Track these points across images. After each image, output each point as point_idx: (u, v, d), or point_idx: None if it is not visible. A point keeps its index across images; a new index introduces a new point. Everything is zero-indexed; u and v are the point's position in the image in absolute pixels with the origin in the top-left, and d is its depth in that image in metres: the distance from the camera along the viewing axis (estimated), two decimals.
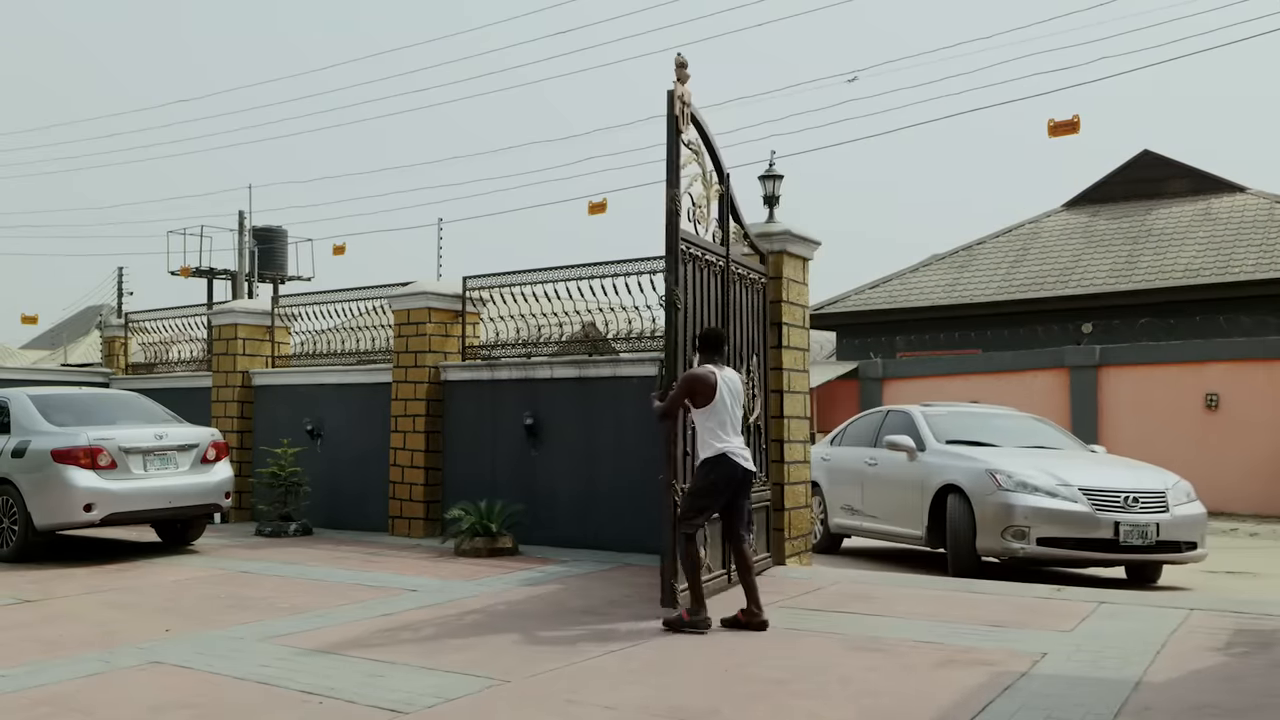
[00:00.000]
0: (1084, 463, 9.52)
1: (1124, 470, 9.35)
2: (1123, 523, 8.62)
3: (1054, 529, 8.67)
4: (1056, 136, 13.97)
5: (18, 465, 9.64)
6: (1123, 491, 8.81)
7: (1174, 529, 8.75)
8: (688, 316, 7.27)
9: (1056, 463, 9.34)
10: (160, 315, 15.28)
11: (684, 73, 7.25)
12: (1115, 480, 8.97)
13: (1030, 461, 9.28)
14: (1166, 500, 8.84)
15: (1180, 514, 8.85)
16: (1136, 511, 8.71)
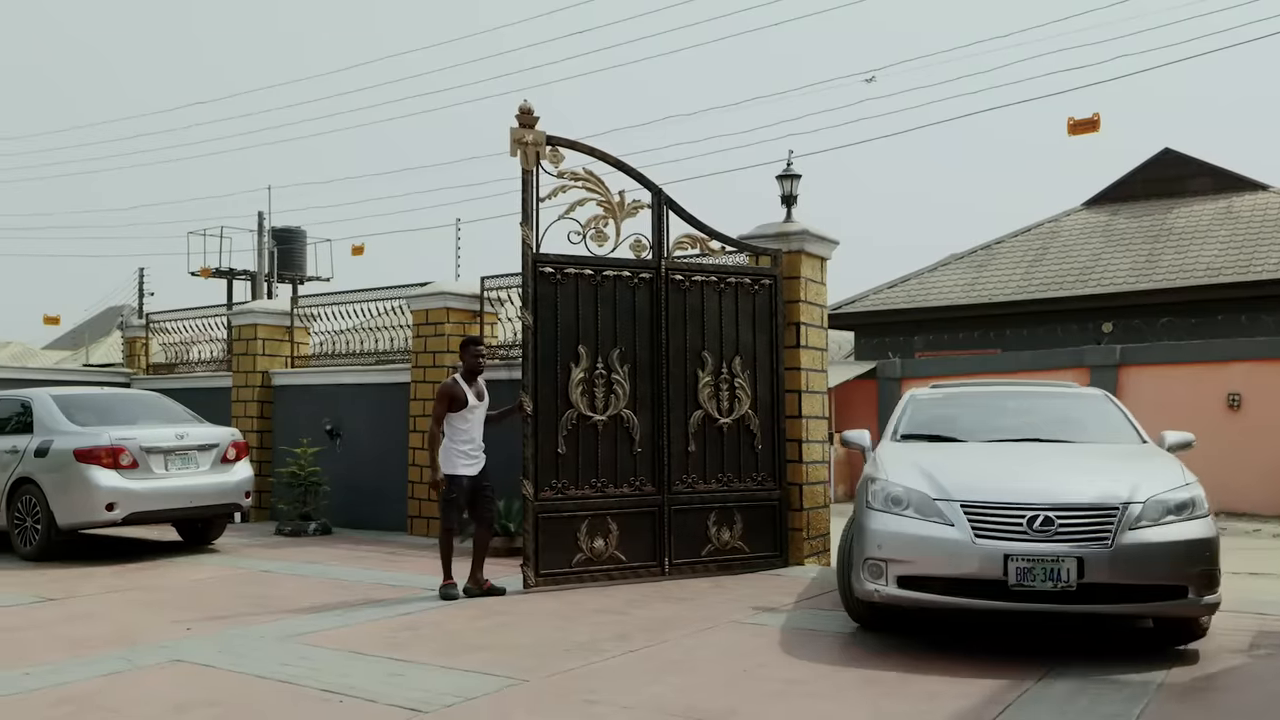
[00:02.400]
0: (1026, 461, 6.46)
1: (1071, 473, 6.13)
2: (1015, 556, 5.47)
3: (916, 563, 5.75)
4: (1076, 135, 13.91)
5: (41, 465, 9.73)
6: (1028, 506, 5.62)
7: (1121, 566, 5.47)
8: (564, 327, 8.13)
9: (980, 462, 6.45)
10: (181, 316, 15.38)
11: (529, 117, 8.02)
12: (1027, 487, 5.81)
13: (933, 460, 6.40)
14: (1116, 520, 5.56)
15: (1140, 541, 5.53)
16: (1044, 538, 5.51)
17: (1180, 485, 5.86)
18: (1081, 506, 5.64)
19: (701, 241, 8.76)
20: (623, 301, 8.37)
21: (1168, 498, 5.74)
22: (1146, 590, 5.54)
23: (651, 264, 8.49)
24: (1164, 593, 5.54)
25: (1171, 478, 5.94)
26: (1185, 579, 5.55)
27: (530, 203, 7.96)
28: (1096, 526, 5.55)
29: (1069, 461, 6.38)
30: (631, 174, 8.38)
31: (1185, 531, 5.64)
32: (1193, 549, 5.60)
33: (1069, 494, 5.73)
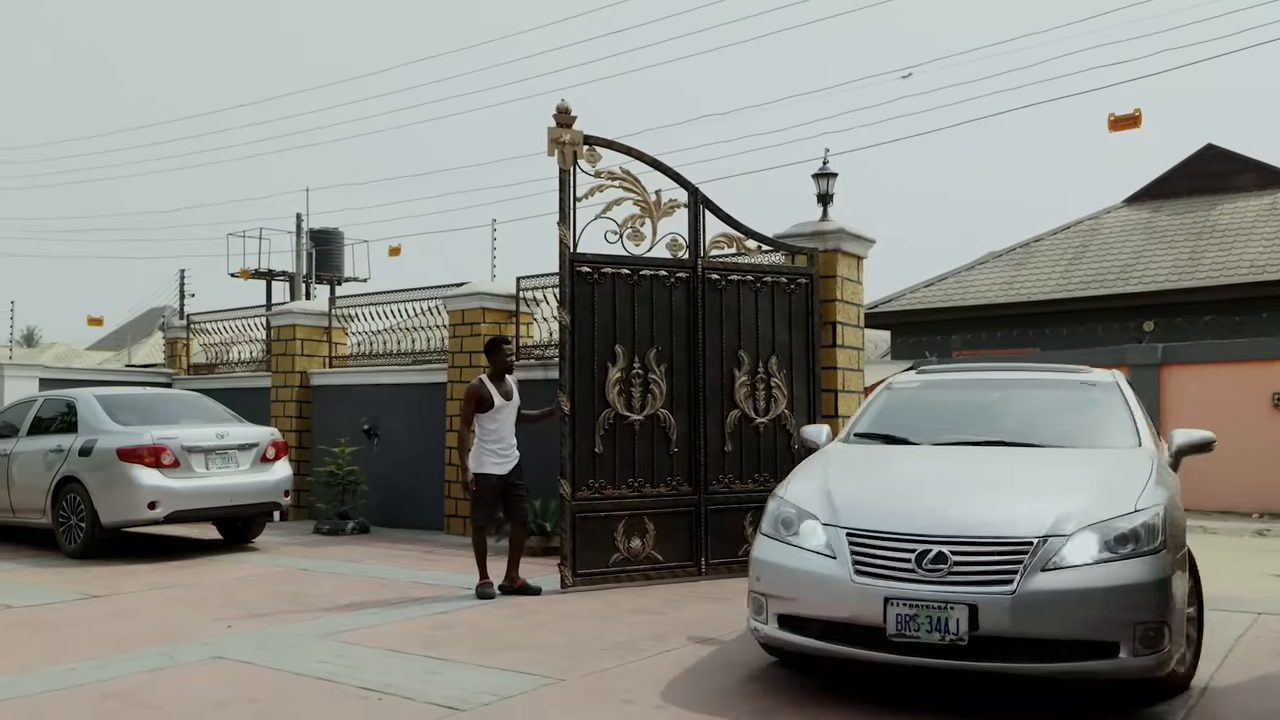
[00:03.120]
0: (952, 475, 5.32)
1: (996, 492, 4.99)
2: (896, 599, 4.49)
3: (796, 601, 4.85)
4: (1117, 131, 13.71)
5: (85, 464, 9.87)
6: (920, 538, 4.58)
7: (1025, 616, 4.36)
8: (601, 327, 8.13)
9: (893, 476, 5.47)
10: (221, 317, 15.56)
11: (566, 117, 8.00)
12: (926, 512, 4.73)
13: (846, 471, 5.50)
14: (1026, 557, 4.44)
15: (1054, 586, 4.39)
16: (935, 578, 4.48)
17: (1129, 512, 4.55)
18: (984, 539, 4.49)
19: (738, 241, 8.73)
20: (659, 301, 8.36)
21: (1108, 528, 4.50)
22: (1062, 647, 4.37)
23: (688, 263, 8.47)
24: (1086, 650, 4.36)
25: (1123, 500, 4.65)
26: (1117, 633, 4.35)
27: (567, 202, 7.97)
28: (999, 565, 4.42)
29: (1008, 475, 5.17)
30: (668, 173, 8.37)
31: (1122, 573, 4.41)
32: (1130, 596, 4.37)
33: (974, 522, 4.59)
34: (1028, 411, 6.00)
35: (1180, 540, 4.75)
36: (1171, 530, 4.62)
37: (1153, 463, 5.15)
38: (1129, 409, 5.83)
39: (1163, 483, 4.93)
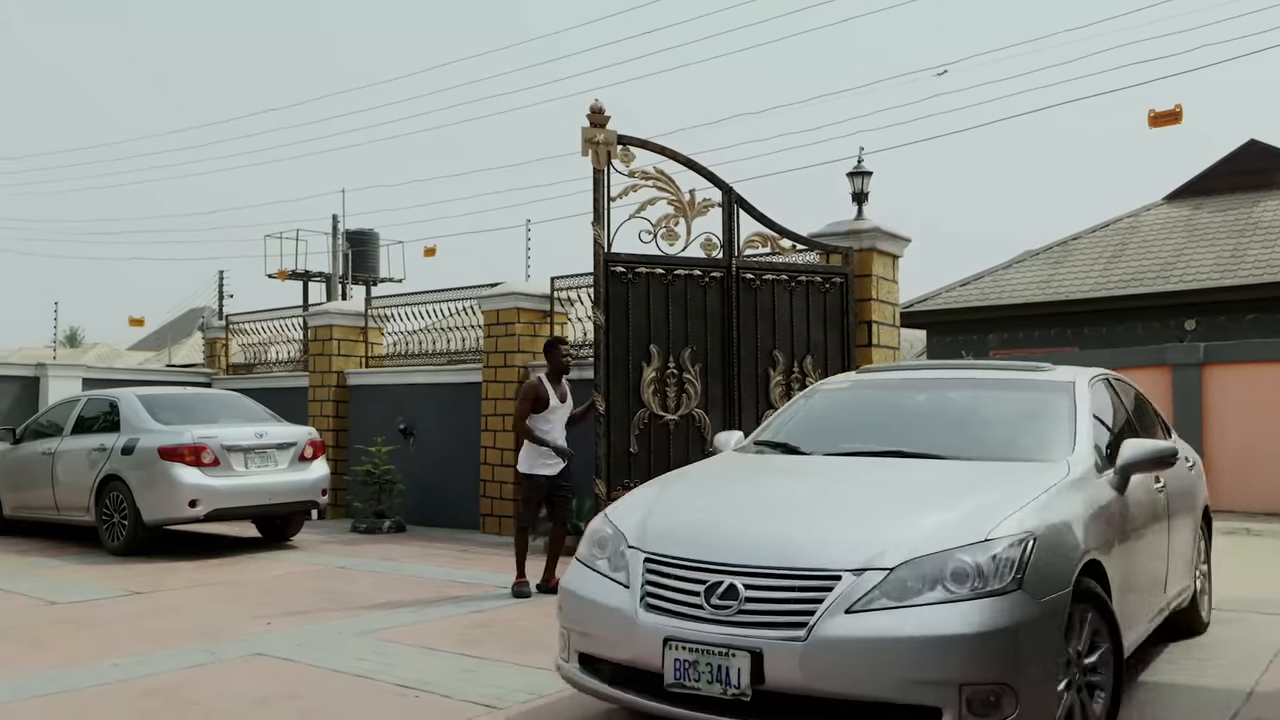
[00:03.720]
0: (791, 491, 4.62)
1: (830, 515, 4.07)
2: (676, 641, 3.73)
3: (591, 636, 4.16)
4: (1157, 127, 13.54)
5: (127, 462, 10.02)
6: (713, 567, 3.81)
7: (818, 668, 3.52)
8: (636, 327, 8.14)
9: (720, 493, 4.67)
10: (259, 317, 15.73)
11: (600, 117, 7.99)
12: (731, 536, 3.96)
13: (680, 485, 4.83)
14: (827, 595, 3.59)
15: (856, 633, 3.52)
16: (722, 617, 3.69)
17: (976, 541, 3.63)
18: (783, 570, 3.68)
19: (772, 240, 8.72)
20: (694, 300, 8.36)
21: (943, 561, 3.58)
22: (867, 710, 3.52)
23: (722, 263, 8.47)
24: (899, 716, 3.50)
25: (979, 526, 3.71)
26: (937, 696, 3.44)
27: (601, 202, 7.99)
28: (796, 602, 3.59)
29: (865, 493, 4.38)
30: (702, 172, 8.37)
31: (949, 619, 3.46)
32: (957, 649, 3.43)
33: (779, 549, 3.77)
34: (951, 417, 5.18)
35: (1059, 577, 3.70)
36: (1042, 566, 3.64)
37: (1059, 481, 4.16)
38: (1073, 416, 4.79)
39: (1053, 507, 3.94)
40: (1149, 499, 4.94)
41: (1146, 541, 4.83)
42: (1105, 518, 4.29)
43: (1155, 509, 5.03)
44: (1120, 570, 4.31)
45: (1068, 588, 3.74)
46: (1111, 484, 4.51)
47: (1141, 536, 4.74)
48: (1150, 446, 4.72)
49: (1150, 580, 4.90)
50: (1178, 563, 5.45)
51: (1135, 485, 4.70)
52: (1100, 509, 4.27)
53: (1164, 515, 5.18)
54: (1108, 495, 4.42)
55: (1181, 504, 5.62)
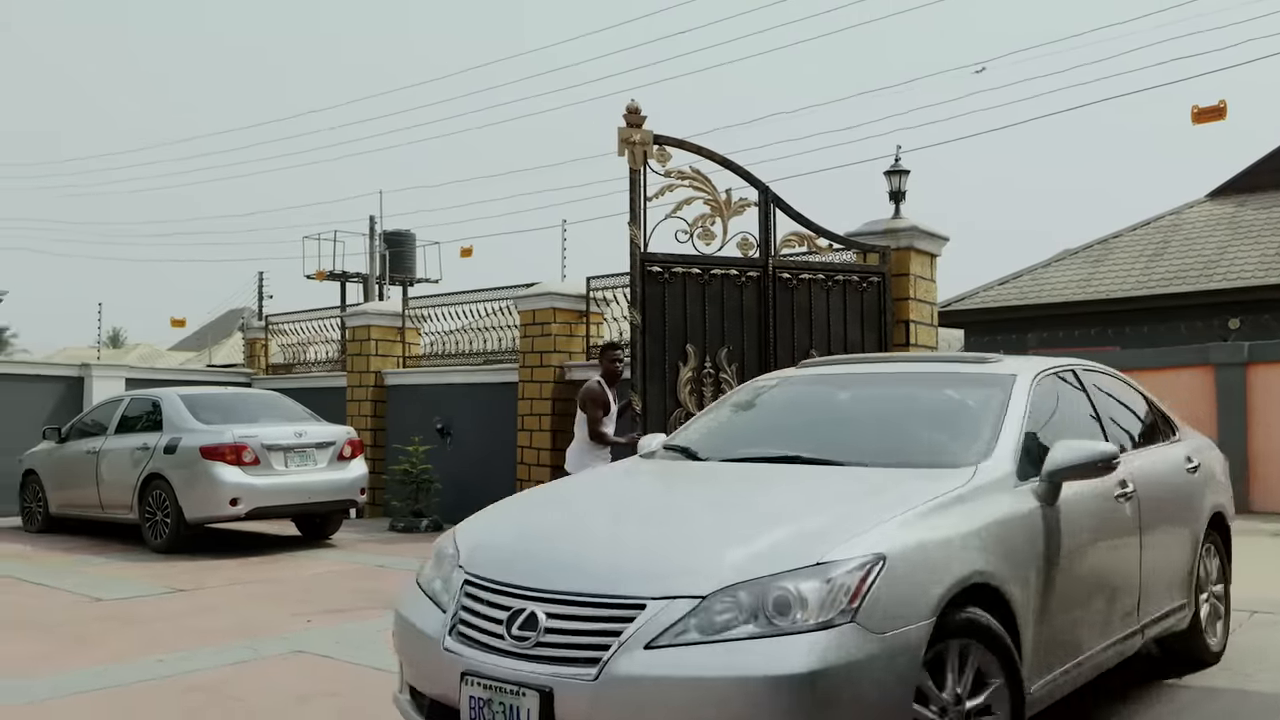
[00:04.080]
0: (648, 504, 4.20)
1: (681, 529, 3.63)
2: (473, 676, 3.29)
3: (413, 667, 3.74)
4: (1201, 123, 13.33)
5: (169, 461, 10.16)
6: (522, 592, 3.35)
7: (613, 713, 3.05)
8: (672, 327, 8.04)
9: (566, 506, 4.27)
10: (298, 318, 15.90)
11: (636, 116, 7.93)
12: (550, 556, 3.51)
13: (530, 497, 4.67)
14: (625, 628, 3.08)
15: (646, 672, 2.99)
16: (521, 650, 3.23)
17: (810, 564, 3.08)
18: (587, 597, 3.20)
19: (808, 239, 8.69)
20: (730, 300, 8.34)
21: (764, 588, 3.03)
22: None
23: (759, 262, 8.44)
24: None
25: (817, 547, 3.16)
26: None
27: (638, 202, 7.98)
28: (594, 635, 3.12)
29: (718, 506, 3.91)
30: (738, 172, 8.35)
31: (759, 656, 2.92)
32: (766, 692, 2.89)
33: (590, 572, 3.30)
34: (869, 418, 4.70)
35: (917, 607, 3.12)
36: (891, 594, 3.08)
37: (951, 492, 3.60)
38: (1001, 415, 4.17)
39: (930, 522, 3.38)
40: (1104, 509, 4.30)
41: (1097, 558, 4.21)
42: (1016, 533, 3.68)
43: (1113, 520, 4.37)
44: (1039, 594, 3.70)
45: (928, 619, 3.12)
46: (1036, 493, 3.88)
47: (1086, 553, 4.10)
48: (1081, 450, 3.99)
49: (1104, 603, 4.26)
50: (1157, 582, 4.73)
51: (1078, 494, 4.08)
52: (1008, 523, 3.65)
53: (1133, 527, 4.51)
54: (1025, 507, 3.79)
55: (1166, 513, 4.89)
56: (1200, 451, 5.67)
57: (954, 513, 3.51)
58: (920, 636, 3.11)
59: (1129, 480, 4.52)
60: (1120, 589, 4.41)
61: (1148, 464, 4.92)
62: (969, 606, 3.34)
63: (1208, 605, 5.42)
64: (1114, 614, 4.35)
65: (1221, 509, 5.65)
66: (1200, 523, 5.32)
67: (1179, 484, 5.20)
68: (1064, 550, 3.92)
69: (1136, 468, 4.71)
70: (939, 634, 3.19)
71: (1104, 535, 4.29)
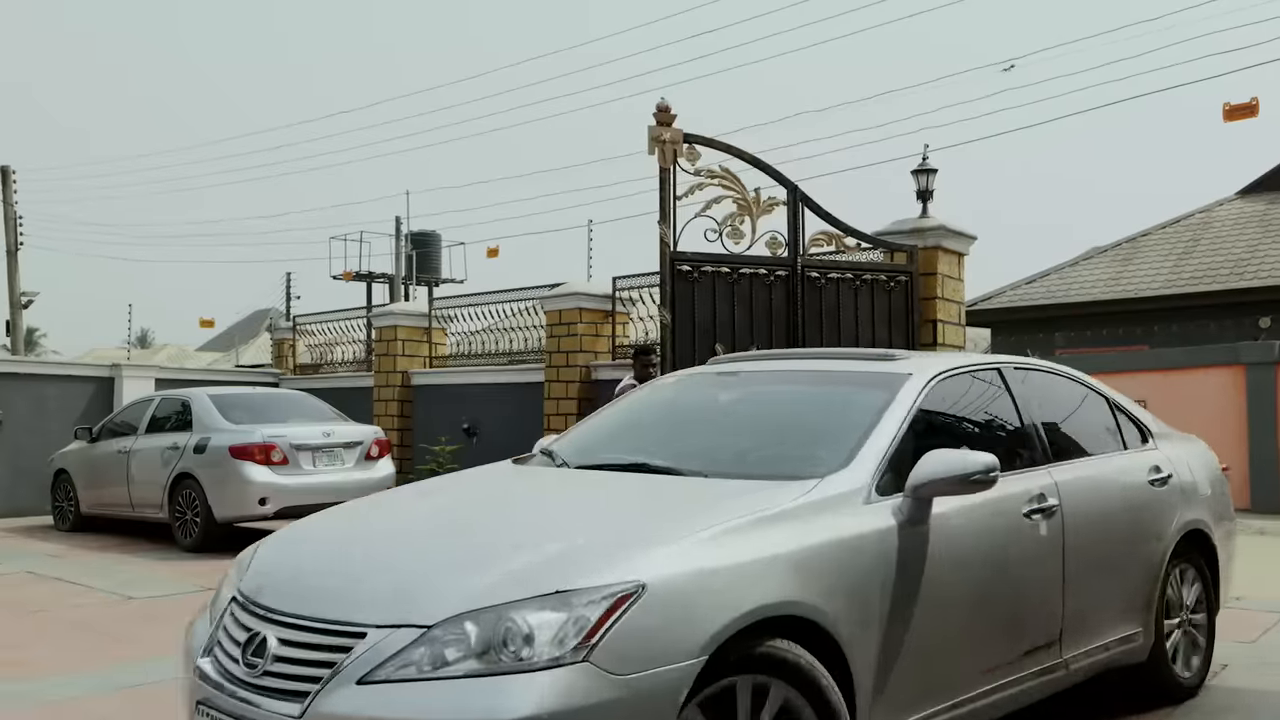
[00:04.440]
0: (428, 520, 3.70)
1: (443, 545, 3.25)
2: (203, 706, 3.03)
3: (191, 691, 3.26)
4: (1233, 120, 13.19)
5: (199, 461, 10.24)
6: (266, 614, 3.03)
7: None
8: (701, 326, 8.00)
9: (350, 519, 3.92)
10: (325, 318, 16.00)
11: (666, 115, 7.89)
12: (298, 571, 3.26)
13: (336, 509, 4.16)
14: (349, 654, 2.72)
15: (366, 711, 2.62)
16: (249, 679, 2.92)
17: (549, 592, 2.70)
18: (310, 623, 2.89)
19: (837, 238, 8.66)
20: (759, 299, 8.31)
21: (497, 618, 2.66)
22: None
23: (787, 261, 8.41)
24: None
25: (564, 571, 2.78)
26: None
27: (668, 200, 7.95)
28: (312, 666, 2.79)
29: (498, 521, 3.52)
30: (767, 171, 8.33)
31: (475, 697, 2.57)
32: None
33: (317, 596, 3.00)
34: (743, 421, 4.33)
35: (682, 644, 2.71)
36: (646, 629, 2.69)
37: (776, 508, 3.18)
38: (875, 420, 3.69)
39: (726, 545, 2.97)
40: (1006, 528, 3.82)
41: (991, 584, 3.72)
42: (856, 556, 3.22)
43: (1020, 541, 3.87)
44: (889, 625, 3.25)
45: (696, 658, 2.71)
46: (897, 511, 3.41)
47: (972, 578, 3.63)
48: (950, 462, 3.45)
49: (1000, 635, 3.76)
50: (1093, 610, 4.22)
51: (964, 511, 3.61)
52: (844, 545, 3.20)
53: (1051, 549, 3.98)
54: (876, 526, 3.32)
55: (1109, 532, 4.34)
56: (1178, 461, 4.98)
57: (766, 533, 3.06)
58: (681, 678, 2.69)
59: (1049, 494, 4.01)
60: (1028, 619, 3.89)
61: (1085, 476, 4.34)
62: (772, 639, 2.91)
63: (1180, 635, 4.81)
64: (1017, 647, 3.82)
65: (1201, 526, 4.94)
66: (1165, 542, 4.65)
67: (1133, 499, 4.58)
68: (934, 576, 3.44)
69: (1067, 480, 4.17)
70: (728, 668, 2.81)
71: (1004, 558, 3.79)
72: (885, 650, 3.24)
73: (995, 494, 3.69)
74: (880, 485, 3.44)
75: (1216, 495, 5.24)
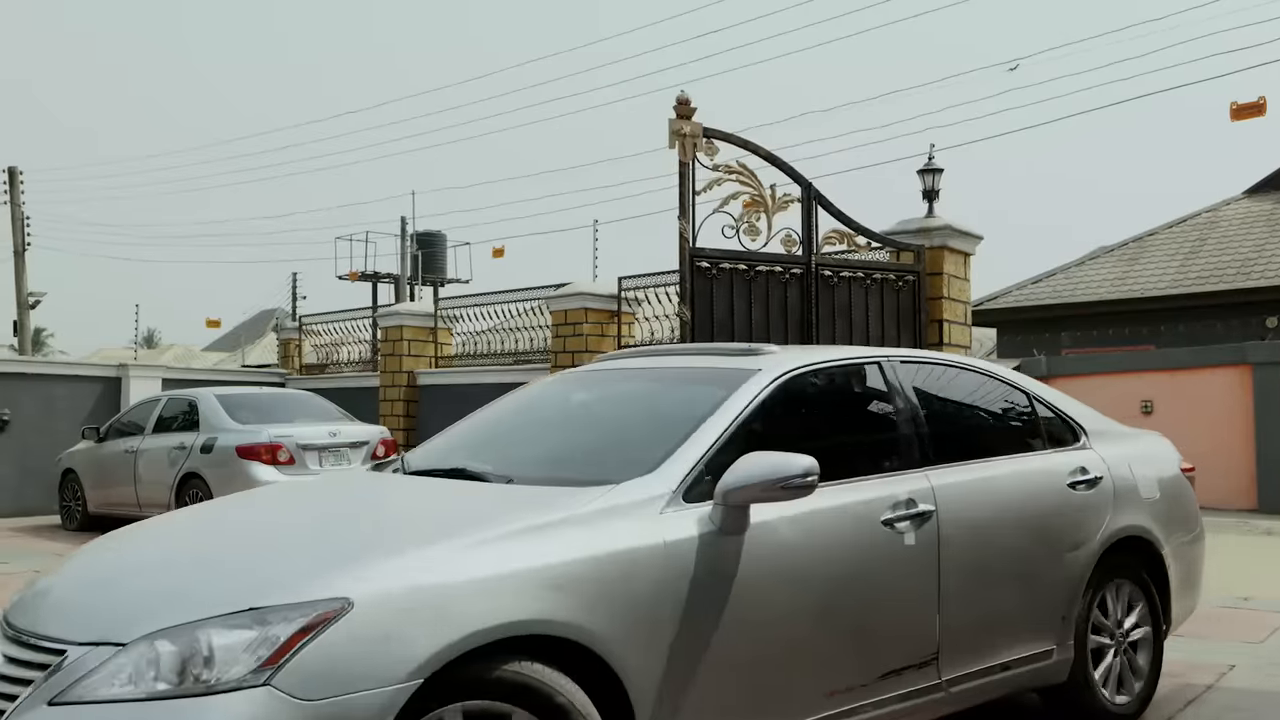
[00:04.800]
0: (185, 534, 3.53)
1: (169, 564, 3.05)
2: None
3: None
4: (1240, 120, 13.17)
5: (206, 460, 10.27)
6: (11, 630, 2.83)
7: None
8: (719, 323, 7.86)
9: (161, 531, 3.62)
10: (331, 318, 16.03)
11: (686, 108, 7.77)
12: (60, 583, 3.09)
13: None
14: (46, 673, 2.56)
15: None
16: None
17: (240, 610, 2.52)
18: (29, 638, 2.73)
19: (848, 237, 8.60)
20: (774, 297, 8.19)
21: (188, 637, 2.49)
22: None
23: (801, 259, 8.31)
24: None
25: (265, 587, 2.59)
26: None
27: (687, 195, 7.81)
28: (12, 685, 2.63)
29: (251, 530, 3.36)
30: (782, 168, 8.23)
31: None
32: None
33: (47, 610, 2.86)
34: (586, 422, 4.13)
35: (386, 669, 2.49)
36: (345, 652, 2.48)
37: (547, 521, 2.92)
38: (701, 421, 3.40)
39: (474, 556, 2.75)
40: (857, 537, 3.49)
41: (838, 599, 3.39)
42: (640, 569, 2.93)
43: (876, 551, 3.53)
44: (673, 647, 2.94)
45: (405, 682, 2.49)
46: (705, 520, 3.11)
47: (812, 593, 3.32)
48: (763, 465, 3.13)
49: (850, 654, 3.44)
50: (987, 625, 3.87)
51: (801, 520, 3.31)
52: (625, 557, 2.91)
53: (921, 559, 3.63)
54: (670, 536, 3.02)
55: (1006, 541, 3.97)
56: (1116, 461, 4.49)
57: (530, 544, 2.81)
58: (384, 705, 2.47)
59: (922, 499, 3.66)
60: (887, 637, 3.55)
61: (976, 479, 3.94)
62: (517, 661, 2.66)
63: (1112, 656, 4.36)
64: (874, 668, 3.49)
65: (1142, 533, 4.45)
66: (1089, 550, 4.21)
67: (1044, 503, 4.15)
68: (753, 590, 3.14)
69: (949, 484, 3.79)
70: (457, 693, 2.59)
71: (853, 571, 3.44)
72: (680, 672, 2.95)
73: (846, 499, 3.47)
74: (694, 492, 3.16)
75: (1169, 499, 4.66)
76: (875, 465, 3.75)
